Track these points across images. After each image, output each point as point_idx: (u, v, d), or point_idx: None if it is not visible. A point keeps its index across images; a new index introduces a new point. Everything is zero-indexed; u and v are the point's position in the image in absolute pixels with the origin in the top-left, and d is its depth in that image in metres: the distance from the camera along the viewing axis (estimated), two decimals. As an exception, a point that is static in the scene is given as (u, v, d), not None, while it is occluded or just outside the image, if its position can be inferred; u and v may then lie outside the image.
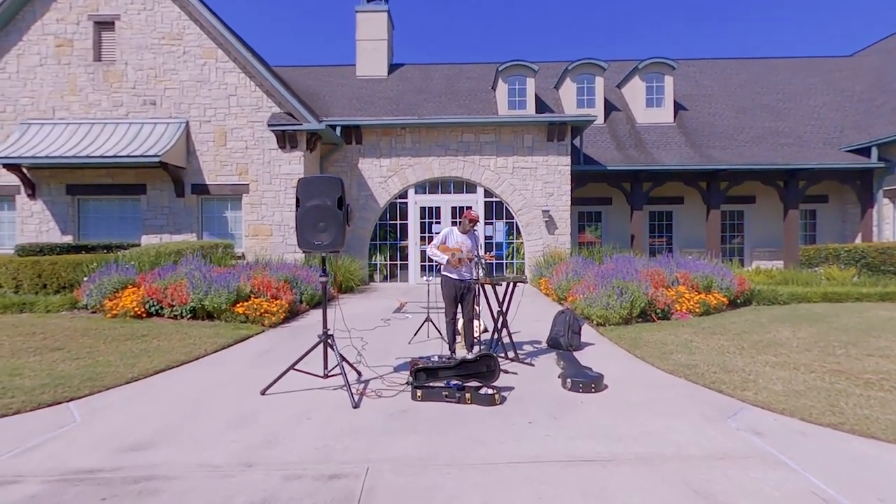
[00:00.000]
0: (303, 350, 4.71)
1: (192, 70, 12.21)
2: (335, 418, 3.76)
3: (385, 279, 13.87)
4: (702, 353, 5.63)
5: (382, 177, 13.51)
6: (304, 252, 4.50)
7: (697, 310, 8.00)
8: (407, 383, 4.55)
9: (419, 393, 4.19)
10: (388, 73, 18.94)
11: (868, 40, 43.69)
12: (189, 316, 7.54)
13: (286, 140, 12.12)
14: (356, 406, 4.00)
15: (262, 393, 4.31)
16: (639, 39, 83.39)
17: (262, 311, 7.53)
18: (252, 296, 7.89)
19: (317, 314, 8.44)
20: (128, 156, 11.07)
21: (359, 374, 4.87)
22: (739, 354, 5.56)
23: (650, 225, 16.32)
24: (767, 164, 14.27)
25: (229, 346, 6.21)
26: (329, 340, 4.57)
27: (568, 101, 16.78)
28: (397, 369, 5.13)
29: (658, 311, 7.68)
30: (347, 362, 4.74)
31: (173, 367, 5.18)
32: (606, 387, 4.46)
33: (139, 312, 7.58)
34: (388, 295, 11.20)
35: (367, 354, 5.65)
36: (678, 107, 17.26)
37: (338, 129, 13.03)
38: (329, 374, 4.60)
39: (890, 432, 3.39)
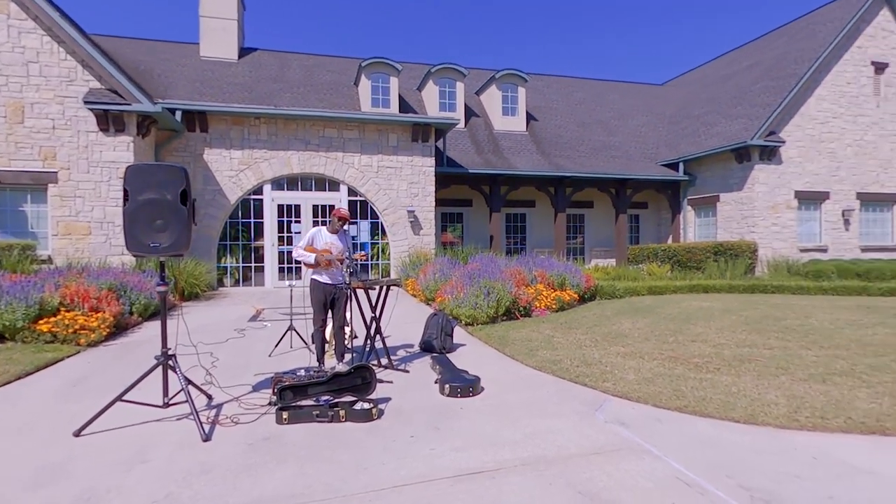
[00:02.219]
0: (134, 372, 3.87)
1: (-28, 24, 9.62)
2: (180, 457, 3.11)
3: (237, 283, 12.53)
4: (563, 347, 5.98)
5: (233, 170, 12.17)
6: (135, 256, 3.68)
7: (554, 306, 8.59)
8: (270, 404, 4.01)
9: (285, 415, 3.70)
10: (239, 58, 17.24)
11: (676, 72, 52.39)
12: (-34, 338, 5.84)
13: (110, 122, 10.22)
14: (207, 438, 3.37)
15: (77, 434, 3.41)
16: (496, 52, 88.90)
17: (77, 327, 6.15)
18: (63, 309, 6.41)
19: (152, 327, 7.20)
20: None
21: (209, 397, 4.17)
22: (595, 347, 6.03)
23: (507, 226, 17.34)
24: (603, 173, 16.08)
25: (28, 374, 4.91)
26: (170, 361, 3.81)
27: (431, 103, 17.00)
28: (257, 388, 4.51)
29: (521, 308, 8.05)
30: (194, 385, 4.03)
31: (-63, 411, 3.89)
32: (483, 389, 4.43)
33: None
34: (241, 301, 10.09)
35: (220, 373, 4.90)
36: (530, 117, 18.61)
37: (178, 114, 11.37)
38: (170, 402, 3.83)
39: (722, 410, 3.87)
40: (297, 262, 5.05)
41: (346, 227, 5.26)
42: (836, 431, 3.49)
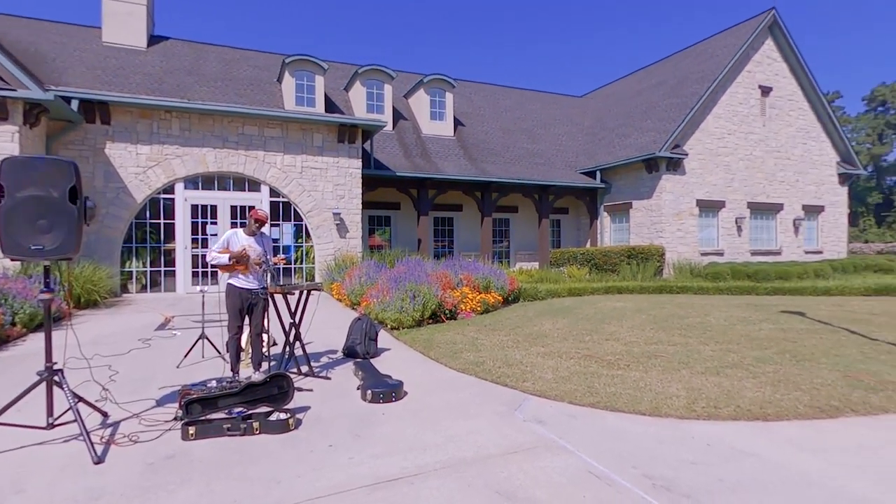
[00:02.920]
0: (12, 391, 3.44)
1: None
2: (66, 484, 2.79)
3: (144, 289, 11.56)
4: (487, 349, 6.09)
5: (140, 167, 11.24)
6: (13, 259, 3.29)
7: (479, 308, 8.74)
8: (175, 419, 3.72)
9: (192, 430, 3.45)
10: (149, 46, 15.99)
11: (594, 84, 55.41)
12: None
13: (-10, 108, 9.07)
14: (99, 460, 3.06)
15: (-64, 465, 2.97)
16: (424, 56, 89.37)
17: (-57, 341, 5.38)
18: (-76, 321, 5.58)
19: (39, 338, 6.44)
20: None
21: (104, 415, 3.79)
22: (516, 348, 6.19)
23: (434, 230, 17.46)
24: (527, 180, 16.66)
25: None
26: (56, 377, 3.42)
27: (358, 104, 16.76)
28: (162, 402, 4.18)
29: (447, 311, 8.11)
30: (86, 402, 3.65)
31: None
32: (406, 394, 4.40)
33: None
34: (148, 308, 9.33)
35: (120, 387, 4.47)
36: (457, 122, 18.88)
37: (74, 103, 10.30)
38: (56, 422, 3.44)
39: (630, 404, 4.11)
40: (213, 266, 4.73)
41: (263, 229, 5.03)
42: (727, 419, 3.83)
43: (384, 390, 4.24)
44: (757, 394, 4.37)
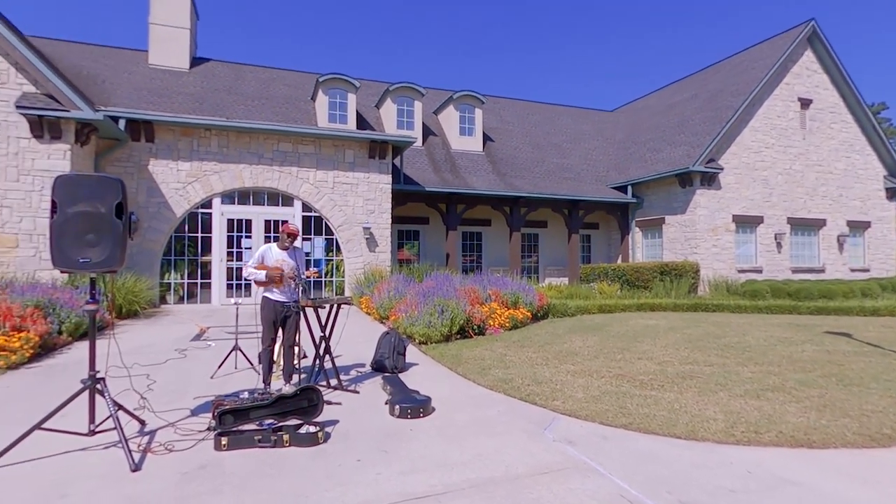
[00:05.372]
0: (59, 397, 3.59)
1: None
2: (105, 490, 2.88)
3: (182, 300, 11.95)
4: (515, 366, 6.02)
5: (181, 182, 11.70)
6: (62, 271, 3.45)
7: (507, 324, 8.66)
8: (209, 429, 3.80)
9: (224, 440, 3.51)
10: (191, 67, 16.75)
11: (624, 99, 54.98)
12: None
13: (45, 128, 9.63)
14: (136, 468, 3.15)
15: (-14, 467, 3.11)
16: (452, 72, 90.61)
17: (-4, 348, 5.67)
18: (-20, 328, 5.90)
19: (84, 347, 6.73)
20: None
21: (142, 423, 3.91)
22: (546, 365, 6.10)
23: (463, 244, 17.48)
24: (557, 194, 16.55)
25: (-66, 401, 4.46)
26: (98, 385, 3.55)
27: (388, 121, 17.06)
28: (196, 412, 4.28)
29: (475, 327, 8.07)
30: (125, 410, 3.77)
31: None
32: (434, 410, 4.38)
33: None
34: (185, 319, 9.62)
35: (156, 396, 4.62)
36: (486, 137, 18.98)
37: (122, 123, 10.86)
38: (97, 429, 3.57)
39: (665, 427, 3.98)
40: (248, 280, 4.87)
41: (296, 243, 5.14)
42: (769, 445, 3.65)
43: (412, 406, 4.23)
44: (801, 419, 4.16)
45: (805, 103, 17.17)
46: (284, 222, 6.83)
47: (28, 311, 6.48)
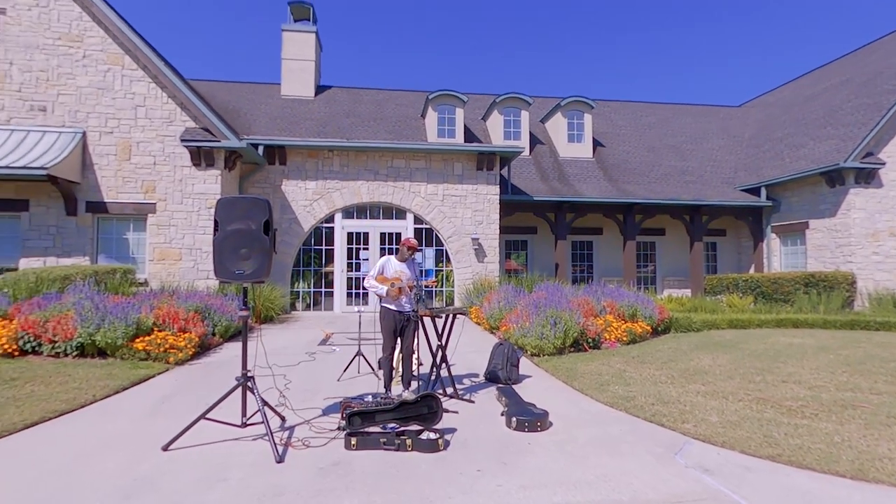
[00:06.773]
0: (215, 391, 4.12)
1: (93, 76, 10.99)
2: (256, 478, 3.22)
3: (308, 307, 13.07)
4: (636, 383, 5.67)
5: (308, 200, 12.87)
6: (221, 282, 3.95)
7: (625, 338, 8.20)
8: (339, 429, 4.09)
9: (354, 441, 3.75)
10: (315, 95, 18.43)
11: (751, 94, 49.79)
12: (75, 353, 6.48)
13: (202, 157, 11.19)
14: (280, 460, 3.48)
15: (165, 449, 3.65)
16: (562, 78, 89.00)
17: (168, 346, 6.65)
18: (155, 329, 6.97)
19: (232, 348, 7.64)
20: (7, 167, 9.60)
21: (282, 419, 4.32)
22: (671, 384, 5.66)
23: (573, 254, 16.94)
24: (675, 200, 15.40)
25: (125, 389, 5.34)
26: (249, 383, 4.00)
27: (495, 132, 17.20)
28: (326, 412, 4.63)
29: (589, 340, 7.76)
30: (270, 407, 4.19)
31: (49, 419, 4.31)
32: (552, 424, 4.28)
33: (9, 350, 6.40)
34: (311, 325, 10.50)
35: (292, 395, 5.08)
36: (596, 143, 18.29)
37: (260, 149, 12.29)
38: (248, 422, 4.01)
39: (823, 462, 3.48)
40: (368, 290, 5.19)
41: (414, 255, 5.37)
42: (968, 495, 3.02)
43: (529, 419, 4.17)
44: None
45: None
46: (398, 234, 7.18)
47: (190, 315, 7.52)
